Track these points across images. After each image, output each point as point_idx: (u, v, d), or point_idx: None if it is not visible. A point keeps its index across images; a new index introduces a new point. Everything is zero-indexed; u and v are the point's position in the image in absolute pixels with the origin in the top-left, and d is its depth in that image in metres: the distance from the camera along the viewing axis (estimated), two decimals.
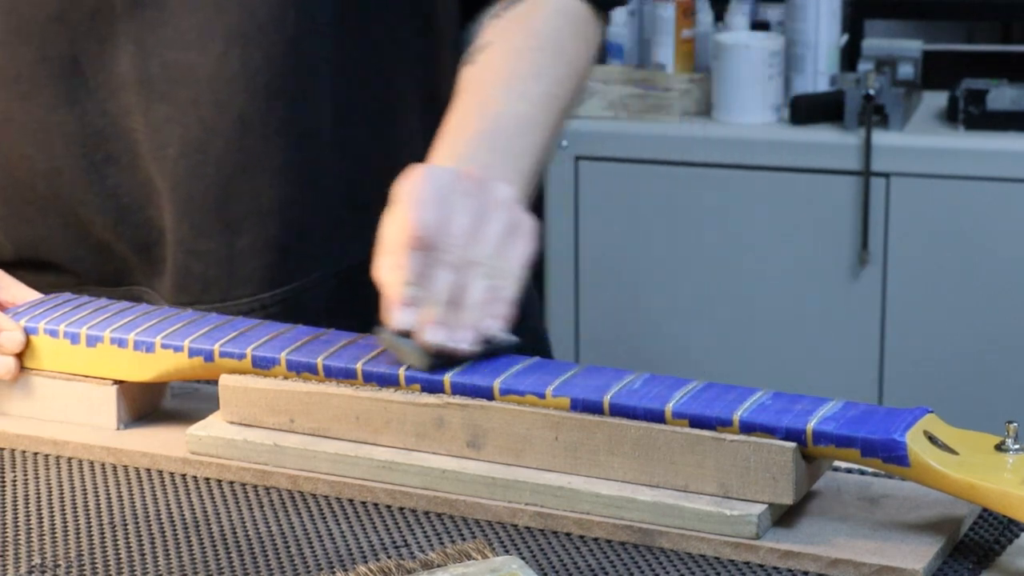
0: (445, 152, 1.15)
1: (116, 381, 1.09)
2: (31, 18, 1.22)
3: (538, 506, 0.95)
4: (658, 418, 0.93)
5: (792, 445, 0.90)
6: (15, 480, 1.04)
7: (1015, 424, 0.90)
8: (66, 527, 0.97)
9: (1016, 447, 0.89)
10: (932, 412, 0.91)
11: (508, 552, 0.92)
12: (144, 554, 0.93)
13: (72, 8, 1.21)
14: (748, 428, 0.91)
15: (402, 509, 0.98)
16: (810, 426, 0.90)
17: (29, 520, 0.98)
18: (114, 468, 1.05)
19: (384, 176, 1.12)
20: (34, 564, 0.92)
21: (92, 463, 1.06)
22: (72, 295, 1.15)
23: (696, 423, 0.93)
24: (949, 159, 2.76)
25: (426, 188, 1.04)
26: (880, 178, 2.78)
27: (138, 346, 1.07)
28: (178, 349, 1.06)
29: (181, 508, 0.99)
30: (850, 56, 3.05)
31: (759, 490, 0.91)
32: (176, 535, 0.95)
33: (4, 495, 1.02)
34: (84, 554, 0.93)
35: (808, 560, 0.89)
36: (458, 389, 0.98)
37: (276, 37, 1.20)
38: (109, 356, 1.08)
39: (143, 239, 1.26)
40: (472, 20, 1.27)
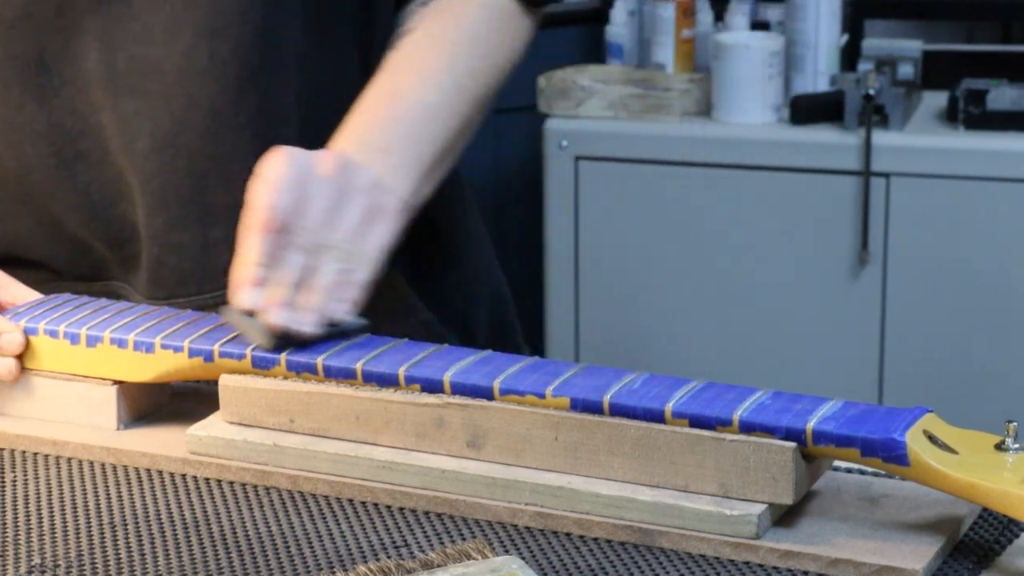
0: (347, 136, 1.18)
1: (116, 381, 1.09)
2: None
3: (538, 506, 0.95)
4: (658, 418, 0.93)
5: (792, 445, 0.90)
6: (15, 480, 1.04)
7: (1015, 423, 0.90)
8: (66, 527, 0.97)
9: (1016, 446, 0.89)
10: (932, 411, 0.91)
11: (508, 552, 0.92)
12: (144, 554, 0.93)
13: (38, 5, 1.21)
14: (748, 428, 0.91)
15: (402, 509, 0.98)
16: (810, 426, 0.90)
17: (29, 520, 0.98)
18: (114, 468, 1.05)
19: None
20: (34, 564, 0.92)
21: (92, 463, 1.06)
22: (72, 295, 1.15)
23: (696, 423, 0.93)
24: (949, 159, 2.76)
25: (283, 171, 1.07)
26: (880, 178, 2.78)
27: (138, 346, 1.07)
28: (178, 349, 1.06)
29: (181, 508, 0.99)
30: (850, 56, 3.05)
31: (759, 490, 0.91)
32: (176, 535, 0.95)
33: (4, 495, 1.02)
34: (84, 554, 0.93)
35: (808, 560, 0.89)
36: (458, 389, 0.98)
37: (244, 29, 1.21)
38: (109, 356, 1.08)
39: (116, 235, 1.26)
40: (404, 6, 1.30)
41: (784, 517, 0.93)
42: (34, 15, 1.21)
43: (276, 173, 1.07)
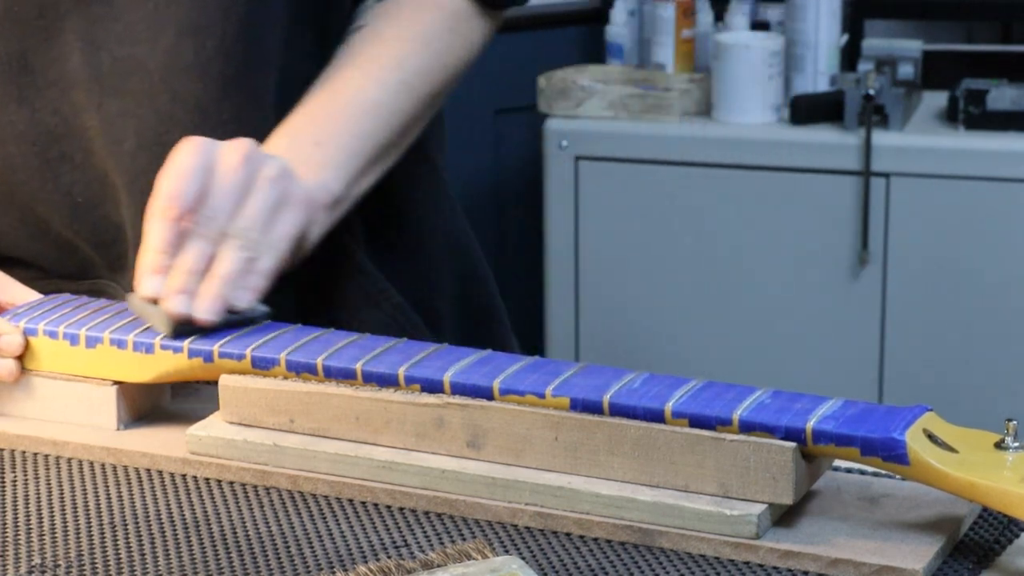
0: (284, 128, 1.20)
1: (116, 381, 1.09)
2: None
3: (538, 506, 0.95)
4: (658, 418, 0.93)
5: (792, 445, 0.90)
6: (15, 480, 1.04)
7: (1015, 422, 0.89)
8: (66, 527, 0.97)
9: (1016, 445, 0.89)
10: (931, 410, 0.91)
11: (508, 552, 0.92)
12: (144, 554, 0.93)
13: (20, 5, 1.21)
14: (748, 427, 0.91)
15: (402, 509, 0.98)
16: (810, 425, 0.90)
17: (29, 520, 0.98)
18: (114, 468, 1.05)
19: None
20: (34, 564, 0.92)
21: (92, 463, 1.06)
22: (71, 296, 1.15)
23: (696, 422, 0.93)
24: (949, 159, 2.76)
25: (189, 160, 1.08)
26: (880, 178, 2.78)
27: (137, 347, 1.07)
28: (177, 350, 1.06)
29: (181, 508, 0.99)
30: (850, 56, 3.05)
31: (759, 490, 0.91)
32: (176, 535, 0.95)
33: (4, 495, 1.01)
34: (84, 554, 0.93)
35: (808, 560, 0.89)
36: (458, 389, 0.98)
37: (228, 25, 1.21)
38: (109, 357, 1.08)
39: (101, 236, 1.26)
40: (361, 2, 1.31)
41: (784, 517, 0.93)
42: (16, 15, 1.21)
43: (182, 162, 1.08)
